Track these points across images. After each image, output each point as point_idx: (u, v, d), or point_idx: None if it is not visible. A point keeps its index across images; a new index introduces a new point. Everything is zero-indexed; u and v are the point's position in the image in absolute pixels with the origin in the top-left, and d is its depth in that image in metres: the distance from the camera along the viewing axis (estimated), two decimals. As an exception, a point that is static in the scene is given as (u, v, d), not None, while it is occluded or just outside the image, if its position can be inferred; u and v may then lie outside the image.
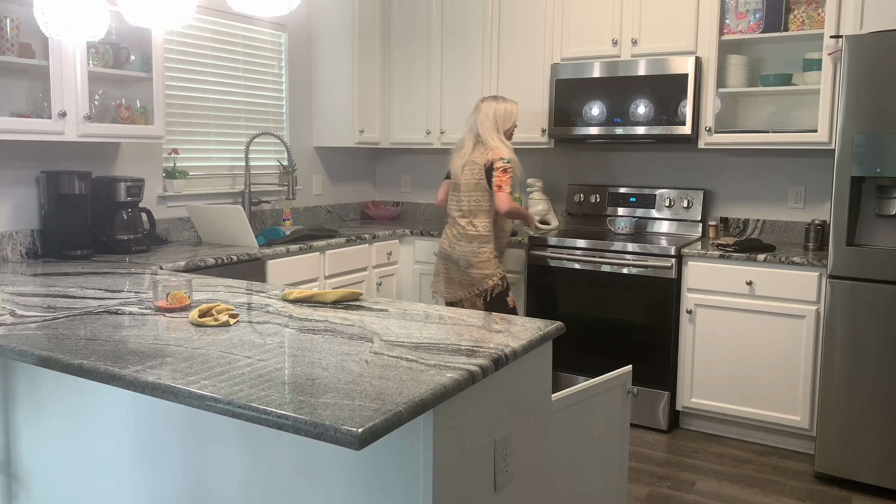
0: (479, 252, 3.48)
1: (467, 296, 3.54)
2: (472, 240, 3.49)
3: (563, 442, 1.95)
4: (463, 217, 3.54)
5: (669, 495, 3.01)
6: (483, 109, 3.53)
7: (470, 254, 3.49)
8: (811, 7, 3.51)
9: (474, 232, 3.50)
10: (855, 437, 3.07)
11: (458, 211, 3.57)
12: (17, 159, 3.05)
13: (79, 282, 2.44)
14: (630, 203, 4.20)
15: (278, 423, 1.22)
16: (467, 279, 3.52)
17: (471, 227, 3.51)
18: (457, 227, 3.56)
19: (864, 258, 3.02)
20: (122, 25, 3.12)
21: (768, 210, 3.93)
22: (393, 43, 4.66)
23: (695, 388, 3.59)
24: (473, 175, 3.49)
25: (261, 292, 2.27)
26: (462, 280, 3.54)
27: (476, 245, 3.49)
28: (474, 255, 3.48)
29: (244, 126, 4.16)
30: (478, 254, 3.48)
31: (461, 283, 3.55)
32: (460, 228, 3.54)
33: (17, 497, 2.17)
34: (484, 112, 3.52)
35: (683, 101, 3.69)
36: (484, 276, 3.49)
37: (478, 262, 3.48)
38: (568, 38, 4.06)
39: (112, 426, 1.91)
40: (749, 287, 3.39)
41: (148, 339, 1.69)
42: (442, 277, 3.65)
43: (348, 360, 1.52)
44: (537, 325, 1.84)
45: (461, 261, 3.51)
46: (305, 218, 4.56)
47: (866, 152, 2.97)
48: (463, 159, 3.54)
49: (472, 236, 3.50)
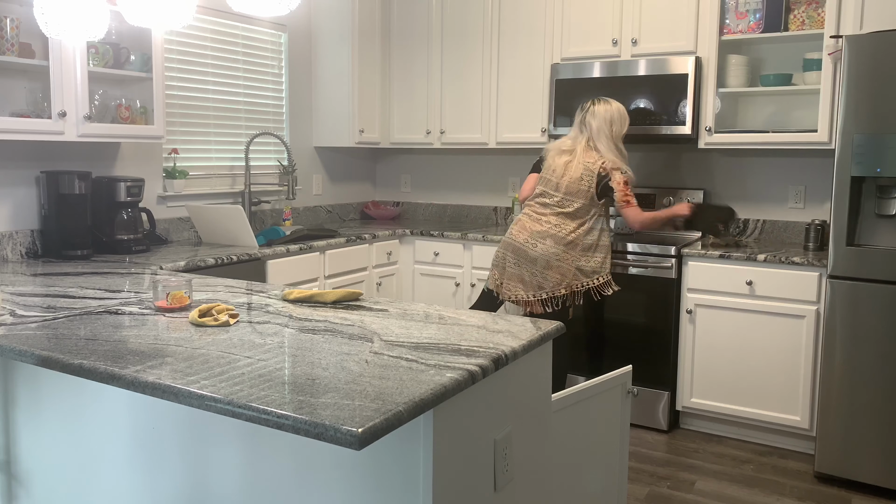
0: (564, 257, 3.31)
1: (533, 297, 3.35)
2: (560, 242, 3.31)
3: (563, 442, 1.95)
4: (557, 216, 3.35)
5: (669, 495, 3.01)
6: (598, 115, 3.37)
7: (553, 255, 3.30)
8: (811, 7, 3.51)
9: (564, 234, 3.32)
10: (855, 437, 3.07)
11: (549, 208, 3.37)
12: (17, 159, 3.05)
13: (79, 282, 2.44)
14: (630, 203, 4.19)
15: (278, 423, 1.22)
16: (538, 280, 3.33)
17: (563, 229, 3.32)
18: (543, 224, 3.35)
19: (864, 258, 3.02)
20: (122, 25, 3.12)
21: (768, 210, 3.93)
22: (393, 43, 4.67)
23: (695, 388, 3.59)
24: (583, 179, 3.31)
25: (261, 292, 2.27)
26: (533, 280, 3.34)
27: (562, 248, 3.31)
28: (557, 257, 3.30)
29: (244, 126, 4.16)
30: (562, 258, 3.30)
31: (531, 283, 3.35)
32: (549, 226, 3.34)
33: (17, 497, 2.17)
34: (600, 118, 3.36)
35: (683, 101, 3.69)
36: (562, 283, 3.31)
37: (558, 266, 3.30)
38: (568, 38, 4.06)
39: (112, 426, 1.91)
40: (749, 287, 3.39)
41: (148, 339, 1.69)
42: (508, 272, 3.41)
43: (348, 360, 1.52)
44: (537, 325, 1.84)
45: (540, 260, 3.31)
46: (305, 218, 4.56)
47: (866, 152, 2.97)
48: (572, 157, 3.37)
49: (559, 238, 3.31)
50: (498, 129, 4.34)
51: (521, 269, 3.37)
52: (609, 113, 3.37)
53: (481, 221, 4.79)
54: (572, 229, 3.33)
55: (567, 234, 3.32)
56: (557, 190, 3.37)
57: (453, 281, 4.18)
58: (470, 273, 4.14)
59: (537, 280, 3.33)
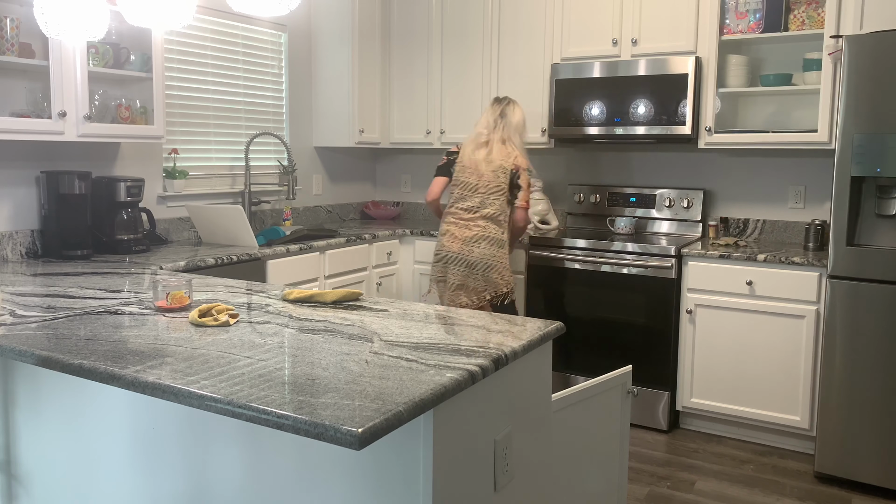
0: (499, 255, 3.41)
1: (476, 302, 3.42)
2: (493, 243, 3.41)
3: (563, 442, 1.95)
4: (483, 219, 3.42)
5: (669, 495, 3.01)
6: (517, 113, 3.52)
7: (490, 257, 3.39)
8: (811, 7, 3.51)
9: (495, 235, 3.42)
10: (855, 437, 3.07)
11: (473, 212, 3.45)
12: (17, 159, 3.05)
13: (79, 282, 2.44)
14: (630, 203, 4.20)
15: (278, 423, 1.22)
16: (482, 284, 3.40)
17: (493, 230, 3.42)
18: (473, 229, 3.43)
19: (864, 258, 3.02)
20: (122, 25, 3.12)
21: (768, 210, 3.93)
22: (393, 43, 4.67)
23: (695, 388, 3.59)
24: (498, 176, 3.42)
25: (261, 292, 2.27)
26: (476, 285, 3.41)
27: (496, 248, 3.41)
28: (493, 257, 3.39)
29: (244, 126, 4.16)
30: (498, 257, 3.40)
31: (475, 288, 3.41)
32: (478, 230, 3.42)
33: (17, 497, 2.17)
34: (518, 117, 3.52)
35: (683, 101, 3.69)
36: (502, 281, 3.42)
37: (497, 265, 3.39)
38: (568, 38, 4.06)
39: (112, 426, 1.91)
40: (749, 287, 3.39)
41: (148, 339, 1.69)
42: (453, 285, 3.45)
43: (348, 360, 1.52)
44: (537, 325, 1.84)
45: (480, 263, 3.39)
46: (305, 218, 4.56)
47: (866, 152, 2.97)
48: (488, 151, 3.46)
49: (493, 239, 3.41)
50: (498, 129, 4.33)
51: (465, 278, 3.43)
52: (523, 115, 3.56)
53: (481, 221, 4.79)
54: (501, 229, 3.45)
55: (496, 235, 3.43)
56: (476, 192, 3.45)
57: (453, 281, 4.18)
58: (470, 273, 4.13)
59: (480, 284, 3.41)
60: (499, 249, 3.42)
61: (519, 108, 3.56)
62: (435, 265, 3.54)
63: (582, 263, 3.78)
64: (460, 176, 3.51)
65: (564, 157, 4.48)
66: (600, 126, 3.92)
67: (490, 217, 3.42)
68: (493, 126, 3.52)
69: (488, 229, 3.41)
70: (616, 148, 4.32)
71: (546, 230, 4.21)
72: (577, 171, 4.45)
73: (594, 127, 3.94)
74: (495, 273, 3.40)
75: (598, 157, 4.39)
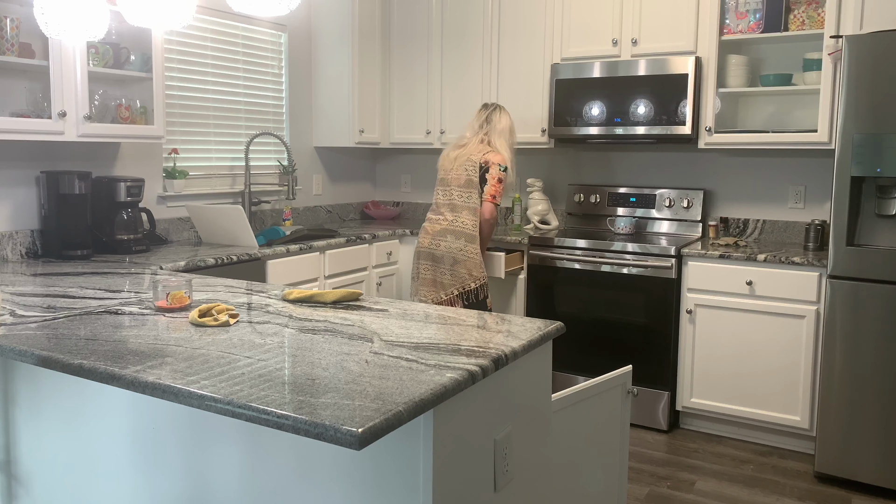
0: (467, 249, 3.40)
1: (446, 296, 3.42)
2: (460, 236, 3.40)
3: (563, 442, 1.95)
4: (451, 212, 3.45)
5: (669, 495, 3.01)
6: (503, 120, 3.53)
7: (456, 250, 3.40)
8: (811, 7, 3.51)
9: (462, 228, 3.41)
10: (855, 437, 3.07)
11: (444, 206, 3.49)
12: (17, 159, 3.05)
13: (79, 282, 2.44)
14: (630, 203, 4.20)
15: (278, 423, 1.22)
16: (449, 278, 3.41)
17: (458, 223, 3.42)
18: (441, 223, 3.46)
19: (864, 258, 3.02)
20: (122, 25, 3.12)
21: (768, 210, 3.93)
22: (393, 43, 4.67)
23: (695, 388, 3.59)
24: (466, 170, 3.43)
25: (261, 292, 2.27)
26: (444, 280, 3.43)
27: (463, 242, 3.40)
28: (461, 251, 3.39)
29: (244, 126, 4.16)
30: (465, 251, 3.39)
31: (442, 283, 3.43)
32: (446, 224, 3.44)
33: (17, 497, 2.17)
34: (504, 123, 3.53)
35: (683, 101, 3.69)
36: (470, 276, 3.40)
37: (464, 260, 3.39)
38: (568, 38, 4.06)
39: (112, 426, 1.91)
40: (749, 287, 3.39)
41: (148, 339, 1.69)
42: (424, 280, 3.50)
43: (348, 360, 1.52)
44: (537, 325, 1.84)
45: (446, 257, 3.41)
46: (305, 218, 4.56)
47: (866, 152, 2.97)
48: (463, 150, 3.49)
49: (458, 232, 3.41)
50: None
51: (434, 273, 3.48)
52: (510, 121, 3.58)
53: (481, 221, 4.79)
54: (470, 223, 3.42)
55: (463, 228, 3.42)
56: (448, 186, 3.50)
57: (453, 281, 4.18)
58: (470, 273, 4.13)
59: (448, 279, 3.44)
60: (467, 244, 3.40)
61: (506, 115, 3.58)
62: (413, 263, 3.61)
63: (582, 263, 3.78)
64: (439, 174, 3.59)
65: (564, 157, 4.48)
66: (600, 126, 3.92)
67: (457, 210, 3.44)
68: (477, 130, 3.56)
69: (455, 223, 3.43)
70: (616, 148, 4.32)
71: (546, 230, 4.21)
72: (577, 171, 4.45)
73: (594, 127, 3.94)
74: (462, 268, 3.39)
75: (598, 157, 4.39)
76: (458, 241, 3.41)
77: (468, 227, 3.42)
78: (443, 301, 3.44)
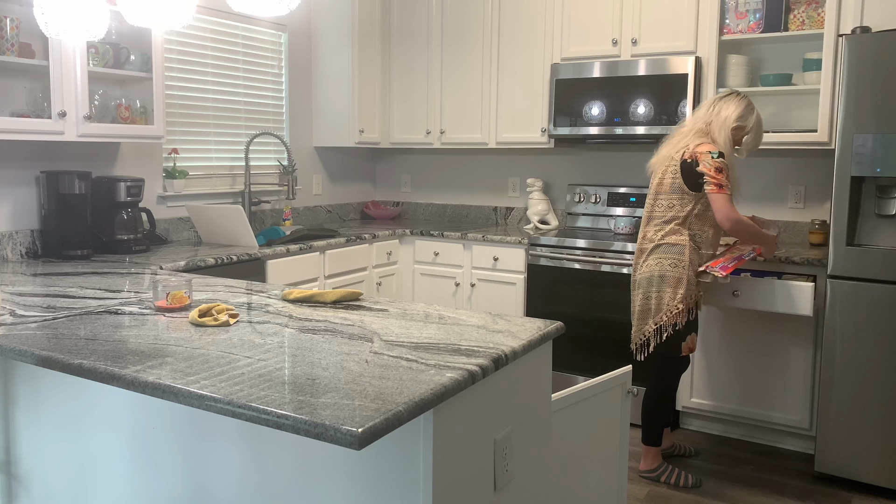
0: (666, 265, 2.83)
1: (640, 335, 2.95)
2: (642, 253, 2.92)
3: (563, 442, 1.95)
4: (650, 226, 2.94)
5: (669, 495, 3.01)
6: (729, 107, 2.89)
7: (648, 270, 2.87)
8: (811, 7, 3.51)
9: (658, 241, 2.88)
10: (855, 437, 3.07)
11: (644, 223, 2.98)
12: (17, 159, 3.05)
13: (79, 282, 2.44)
14: (630, 203, 4.20)
15: (278, 423, 1.22)
16: (640, 308, 2.93)
17: (651, 235, 2.92)
18: (640, 244, 2.95)
19: (864, 258, 3.01)
20: (122, 25, 3.11)
21: (768, 210, 3.93)
22: (393, 43, 4.67)
23: (695, 388, 3.59)
24: (666, 174, 2.88)
25: (261, 292, 2.27)
26: (636, 310, 2.96)
27: (656, 258, 2.85)
28: (654, 268, 2.85)
29: (244, 126, 4.16)
30: (663, 268, 2.82)
31: (634, 313, 2.97)
32: (641, 242, 2.94)
33: (17, 497, 2.17)
34: (729, 110, 2.88)
35: (683, 100, 3.69)
36: (659, 306, 2.88)
37: (659, 283, 2.83)
38: (568, 38, 4.06)
39: (112, 426, 1.91)
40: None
41: (148, 339, 1.69)
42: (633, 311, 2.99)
43: (348, 360, 1.52)
44: (537, 325, 1.84)
45: (642, 281, 2.91)
46: (305, 218, 4.56)
47: (866, 152, 2.97)
48: (667, 145, 2.98)
49: (643, 250, 2.92)
50: (498, 129, 4.34)
51: (634, 303, 3.01)
52: (737, 109, 2.88)
53: (481, 221, 4.79)
54: (660, 234, 2.91)
55: (658, 241, 2.91)
56: (650, 197, 2.97)
57: (453, 281, 4.18)
58: (470, 273, 4.13)
59: (639, 308, 2.98)
60: (661, 259, 2.85)
61: (734, 103, 2.89)
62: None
63: (582, 263, 3.78)
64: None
65: (564, 157, 4.48)
66: (600, 126, 3.92)
67: (652, 223, 2.93)
68: (697, 118, 2.97)
69: (646, 238, 2.94)
70: (616, 148, 4.32)
71: (546, 230, 4.21)
72: (577, 171, 4.45)
73: (594, 127, 3.94)
74: (654, 295, 2.86)
75: (598, 157, 4.39)
76: (650, 258, 2.89)
77: (661, 239, 2.90)
78: (642, 339, 2.98)
